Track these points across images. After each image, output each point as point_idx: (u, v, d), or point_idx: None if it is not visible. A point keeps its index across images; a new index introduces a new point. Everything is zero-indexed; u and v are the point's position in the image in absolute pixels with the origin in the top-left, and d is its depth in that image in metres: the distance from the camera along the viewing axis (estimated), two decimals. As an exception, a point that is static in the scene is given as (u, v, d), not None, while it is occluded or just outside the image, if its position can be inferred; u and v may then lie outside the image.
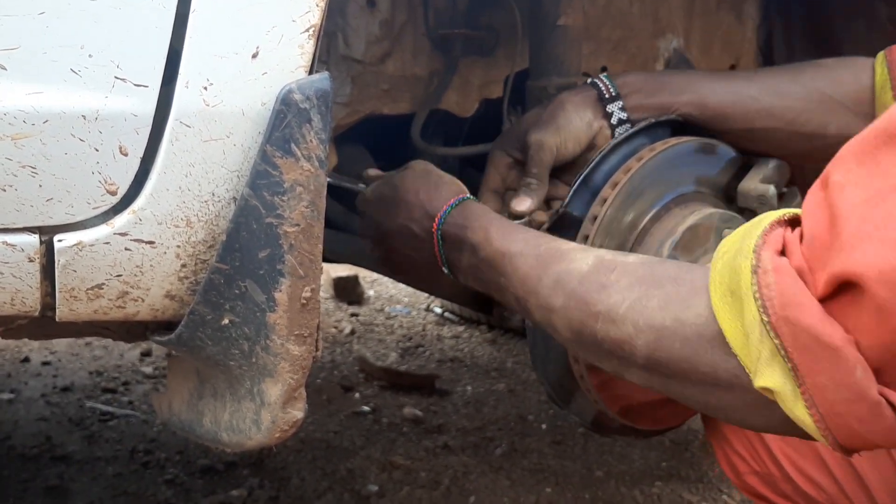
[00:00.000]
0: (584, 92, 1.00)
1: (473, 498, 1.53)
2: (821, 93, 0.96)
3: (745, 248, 0.53)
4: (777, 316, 0.50)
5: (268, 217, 0.69)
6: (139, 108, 0.66)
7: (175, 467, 1.61)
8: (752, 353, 0.52)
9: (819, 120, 0.96)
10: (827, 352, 0.48)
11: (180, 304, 0.74)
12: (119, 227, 0.69)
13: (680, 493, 1.58)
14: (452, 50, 1.14)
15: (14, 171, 0.66)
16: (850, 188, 0.49)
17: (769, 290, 0.50)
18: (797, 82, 0.98)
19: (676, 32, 1.36)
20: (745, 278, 0.52)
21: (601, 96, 0.99)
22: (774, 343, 0.50)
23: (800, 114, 0.96)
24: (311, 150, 0.68)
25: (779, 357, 0.50)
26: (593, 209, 0.94)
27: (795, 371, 0.50)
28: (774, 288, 0.50)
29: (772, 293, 0.50)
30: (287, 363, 0.73)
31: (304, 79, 0.67)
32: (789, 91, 0.97)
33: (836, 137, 0.96)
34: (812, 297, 0.49)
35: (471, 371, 2.18)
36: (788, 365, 0.50)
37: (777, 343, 0.50)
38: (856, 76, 0.95)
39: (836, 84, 0.96)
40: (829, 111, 0.95)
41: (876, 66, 0.94)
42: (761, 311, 0.50)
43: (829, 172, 0.52)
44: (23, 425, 1.77)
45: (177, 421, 0.86)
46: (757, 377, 0.52)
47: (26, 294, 0.71)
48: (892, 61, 0.92)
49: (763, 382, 0.51)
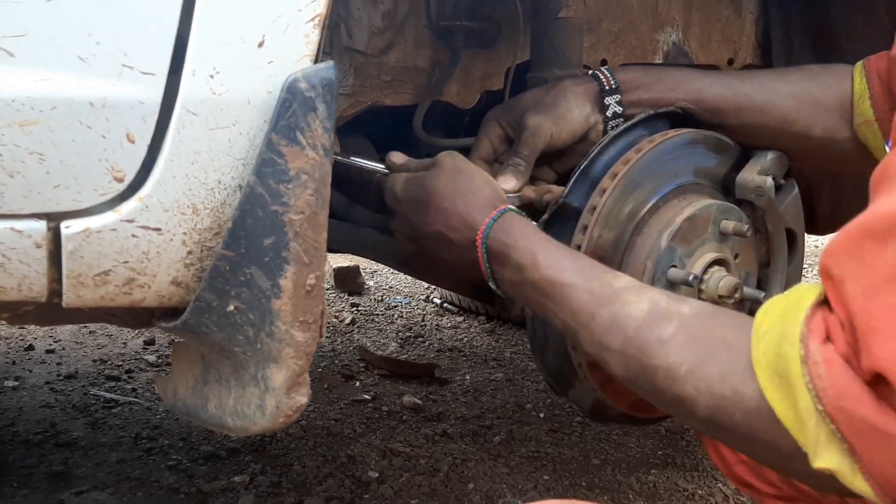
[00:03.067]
0: (586, 83, 1.01)
1: (472, 484, 1.54)
2: (808, 94, 0.98)
3: (791, 336, 0.57)
4: (832, 406, 0.54)
5: (273, 205, 0.70)
6: (146, 96, 0.67)
7: (178, 453, 1.62)
8: (808, 436, 0.57)
9: (806, 121, 0.98)
10: (882, 436, 0.53)
11: (186, 291, 0.75)
12: (126, 214, 0.70)
13: (676, 481, 1.60)
14: (454, 41, 1.15)
15: (22, 158, 0.67)
16: (849, 283, 0.54)
17: (822, 381, 0.55)
18: (787, 82, 1.00)
19: (675, 26, 1.36)
20: (794, 367, 0.57)
21: (602, 89, 1.00)
22: (830, 428, 0.55)
23: (788, 112, 0.98)
24: (316, 138, 0.69)
25: (836, 440, 0.55)
26: (592, 200, 0.95)
27: (853, 451, 0.55)
28: (827, 380, 0.55)
29: (825, 384, 0.55)
30: (291, 349, 0.74)
31: (309, 67, 0.68)
32: (780, 90, 0.99)
33: (820, 139, 0.98)
34: (863, 385, 0.54)
35: (470, 360, 2.20)
36: (845, 446, 0.55)
37: (833, 428, 0.55)
38: (838, 82, 0.97)
39: (822, 87, 0.98)
40: (816, 113, 0.98)
41: (854, 75, 0.95)
42: (816, 402, 0.55)
43: (827, 266, 0.57)
44: (27, 412, 1.79)
45: (181, 406, 0.87)
46: (816, 458, 0.57)
47: (33, 280, 0.72)
48: (871, 71, 0.94)
49: (822, 464, 0.56)
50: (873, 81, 0.93)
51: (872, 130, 0.94)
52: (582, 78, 1.02)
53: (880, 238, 0.53)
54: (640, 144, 0.98)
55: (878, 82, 0.93)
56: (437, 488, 1.53)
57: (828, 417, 0.55)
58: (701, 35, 1.38)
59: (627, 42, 1.31)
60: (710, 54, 1.38)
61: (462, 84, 1.19)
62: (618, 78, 1.01)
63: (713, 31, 1.39)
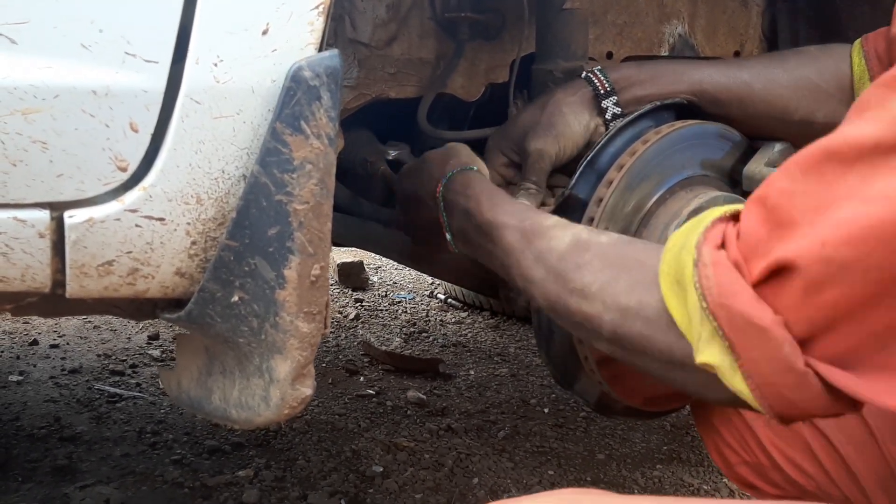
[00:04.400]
0: (579, 90, 1.00)
1: (477, 479, 1.54)
2: (808, 80, 0.97)
3: (689, 244, 0.60)
4: (715, 303, 0.56)
5: (277, 194, 0.69)
6: (149, 85, 0.67)
7: (182, 448, 1.62)
8: (693, 333, 0.59)
9: (808, 108, 0.97)
10: (758, 331, 0.54)
11: (190, 282, 0.75)
12: (130, 204, 0.70)
13: (681, 476, 1.59)
14: (459, 34, 1.14)
15: (25, 147, 0.66)
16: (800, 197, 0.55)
17: (707, 281, 0.57)
18: (785, 70, 0.99)
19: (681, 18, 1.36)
20: (687, 270, 0.59)
21: (597, 93, 0.99)
22: (713, 325, 0.57)
23: (789, 101, 0.98)
24: (320, 127, 0.68)
25: (717, 337, 0.57)
26: (599, 191, 0.94)
27: (732, 348, 0.56)
28: (713, 279, 0.57)
29: (710, 283, 0.57)
30: (296, 340, 0.73)
31: (313, 56, 0.68)
32: (779, 78, 0.98)
33: (823, 125, 0.96)
34: (745, 284, 0.55)
35: (474, 356, 2.19)
36: (726, 343, 0.56)
37: (715, 325, 0.56)
38: (836, 64, 0.96)
39: (820, 72, 0.97)
40: (817, 99, 0.97)
41: (853, 56, 0.94)
42: (700, 300, 0.57)
43: (773, 179, 0.58)
44: (32, 406, 1.79)
45: (186, 398, 0.87)
46: (698, 354, 0.58)
47: (37, 270, 0.71)
48: (869, 51, 0.93)
49: (704, 359, 0.58)
50: (872, 62, 0.92)
51: None
52: (575, 85, 1.01)
53: (845, 161, 0.53)
54: (647, 135, 0.97)
55: (876, 62, 0.92)
56: (442, 483, 1.52)
57: (711, 315, 0.56)
58: (707, 27, 1.37)
59: (633, 34, 1.30)
60: (716, 47, 1.38)
61: (467, 76, 1.19)
62: (612, 78, 1.00)
63: (719, 23, 1.38)
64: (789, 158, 0.57)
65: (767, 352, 0.54)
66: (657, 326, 0.63)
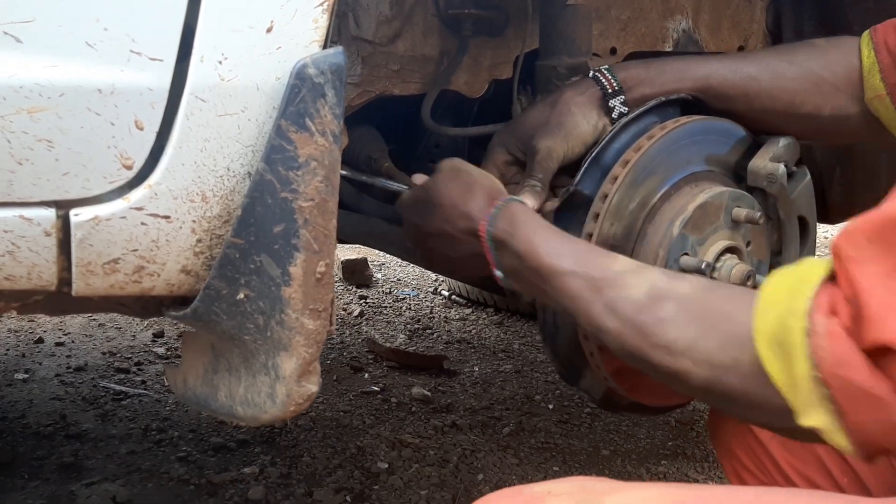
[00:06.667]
0: (588, 90, 0.99)
1: (482, 476, 1.54)
2: (815, 74, 0.97)
3: (797, 310, 0.62)
4: (829, 373, 0.59)
5: (283, 192, 0.69)
6: (154, 83, 0.67)
7: (188, 445, 1.63)
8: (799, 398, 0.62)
9: (814, 102, 0.97)
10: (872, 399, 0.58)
11: (196, 279, 0.75)
12: (135, 202, 0.70)
13: (685, 471, 1.59)
14: (462, 30, 1.14)
15: (30, 145, 0.67)
16: (867, 264, 0.58)
17: (823, 352, 0.60)
18: (792, 63, 0.98)
19: (685, 13, 1.35)
20: (796, 338, 0.61)
21: (605, 93, 0.99)
22: (823, 392, 0.60)
23: (796, 95, 0.97)
24: (325, 124, 0.68)
25: (826, 402, 0.60)
26: (604, 187, 0.94)
27: (840, 412, 0.60)
28: (828, 350, 0.60)
29: (825, 354, 0.60)
30: (302, 337, 0.74)
31: (318, 53, 0.68)
32: (785, 72, 0.98)
33: (830, 118, 0.97)
34: (861, 354, 0.58)
35: (478, 352, 2.19)
36: (833, 407, 0.60)
37: (826, 392, 0.60)
38: (845, 57, 0.95)
39: (828, 65, 0.96)
40: (823, 93, 0.97)
41: (862, 48, 0.94)
42: (814, 370, 0.60)
43: (840, 245, 0.60)
44: (37, 404, 1.79)
45: (192, 395, 0.87)
46: (804, 418, 0.62)
47: (43, 268, 0.71)
48: (878, 43, 0.92)
49: (811, 423, 0.61)
50: (881, 54, 0.91)
51: (885, 104, 0.92)
52: (583, 84, 1.00)
53: None
54: (652, 132, 0.97)
55: (886, 54, 0.91)
56: (447, 479, 1.53)
57: (823, 383, 0.59)
58: (711, 22, 1.36)
59: (637, 30, 1.30)
60: (720, 42, 1.37)
61: (470, 73, 1.19)
62: (619, 77, 0.99)
63: (723, 18, 1.37)
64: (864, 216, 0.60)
65: (878, 416, 0.59)
66: (754, 382, 0.65)
